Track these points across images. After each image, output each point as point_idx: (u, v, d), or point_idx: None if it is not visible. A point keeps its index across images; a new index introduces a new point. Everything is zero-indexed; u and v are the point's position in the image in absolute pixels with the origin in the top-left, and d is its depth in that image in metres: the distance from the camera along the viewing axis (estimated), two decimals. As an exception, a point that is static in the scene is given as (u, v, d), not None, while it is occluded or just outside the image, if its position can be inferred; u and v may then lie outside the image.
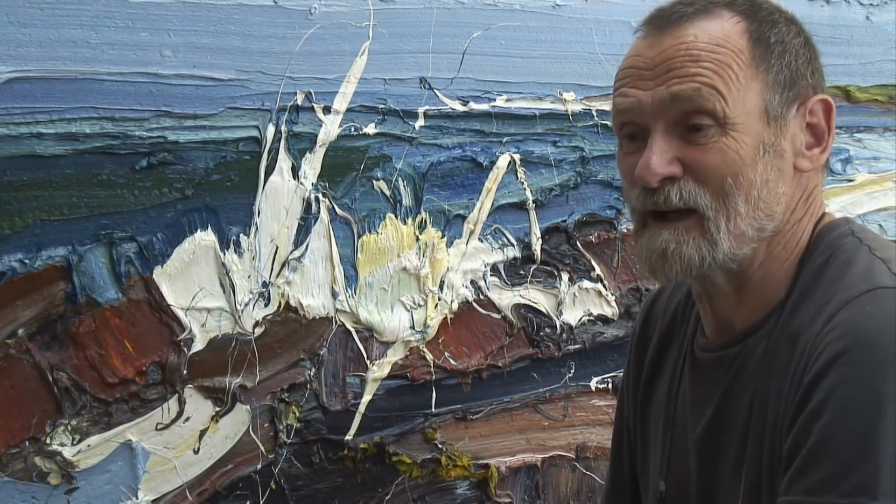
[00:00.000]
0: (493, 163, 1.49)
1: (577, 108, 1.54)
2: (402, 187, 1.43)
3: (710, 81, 0.84)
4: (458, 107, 1.45)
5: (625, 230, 1.60)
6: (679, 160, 0.85)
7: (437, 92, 1.44)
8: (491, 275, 1.51)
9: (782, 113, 0.86)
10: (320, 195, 1.37)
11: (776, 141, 0.86)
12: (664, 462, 0.98)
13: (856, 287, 0.79)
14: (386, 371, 1.45)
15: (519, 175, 1.51)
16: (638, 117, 0.88)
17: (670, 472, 0.97)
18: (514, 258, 1.53)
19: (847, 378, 0.73)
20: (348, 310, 1.41)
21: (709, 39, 0.86)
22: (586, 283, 1.59)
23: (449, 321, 1.48)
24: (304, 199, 1.36)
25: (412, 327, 1.46)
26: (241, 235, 1.33)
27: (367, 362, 1.43)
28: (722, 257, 0.85)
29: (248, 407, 1.36)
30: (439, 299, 1.47)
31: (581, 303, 1.59)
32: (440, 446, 1.49)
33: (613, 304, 1.61)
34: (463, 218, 1.48)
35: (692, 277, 0.88)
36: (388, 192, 1.42)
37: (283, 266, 1.36)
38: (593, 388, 1.61)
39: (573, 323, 1.58)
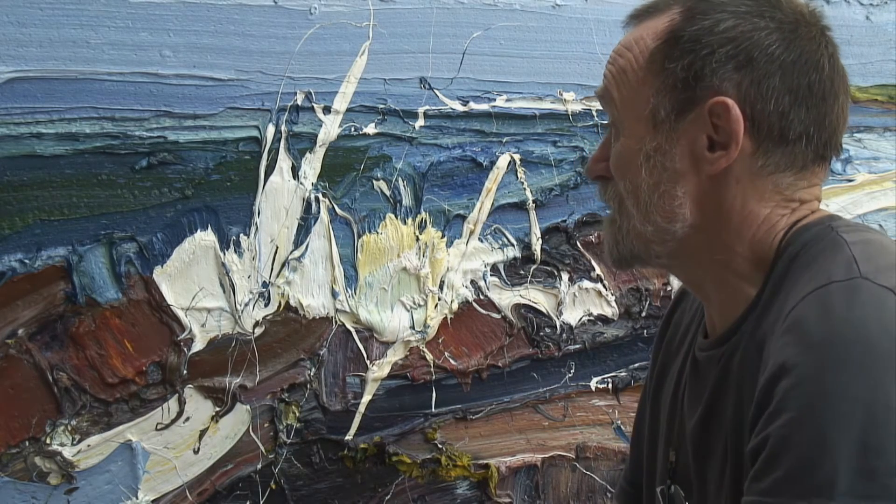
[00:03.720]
0: (493, 163, 1.49)
1: (577, 108, 1.54)
2: (402, 187, 1.43)
3: (608, 86, 0.90)
4: (458, 107, 1.45)
5: (625, 230, 1.60)
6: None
7: (437, 92, 1.44)
8: (491, 275, 1.51)
9: (673, 117, 0.85)
10: (320, 195, 1.37)
11: (661, 145, 0.85)
12: (672, 450, 1.00)
13: (810, 283, 0.78)
14: (386, 371, 1.45)
15: (519, 175, 1.51)
16: None
17: (679, 458, 0.98)
18: (514, 258, 1.53)
19: (800, 379, 0.72)
20: (348, 310, 1.41)
21: (625, 42, 0.89)
22: (586, 283, 1.59)
23: (449, 321, 1.48)
24: (304, 199, 1.36)
25: (412, 327, 1.46)
26: (241, 235, 1.33)
27: (367, 362, 1.43)
28: (629, 255, 0.91)
29: (248, 407, 1.36)
30: (439, 299, 1.47)
31: (581, 303, 1.59)
32: (440, 446, 1.50)
33: (613, 304, 1.61)
34: (463, 218, 1.48)
35: (618, 269, 0.95)
36: (388, 192, 1.42)
37: (283, 266, 1.36)
38: (593, 388, 1.61)
39: (573, 323, 1.58)
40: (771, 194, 0.86)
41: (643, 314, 1.63)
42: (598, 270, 1.59)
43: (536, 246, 1.54)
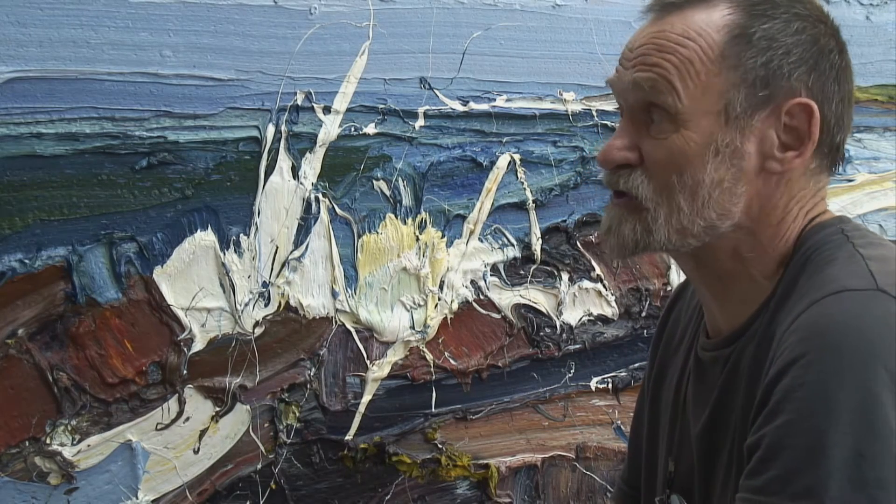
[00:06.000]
0: (493, 163, 1.49)
1: (577, 108, 1.54)
2: (402, 187, 1.43)
3: (667, 74, 0.85)
4: (458, 107, 1.45)
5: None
6: (638, 148, 0.88)
7: (437, 92, 1.44)
8: (491, 275, 1.51)
9: (748, 113, 0.84)
10: (320, 195, 1.37)
11: (732, 141, 0.85)
12: (672, 459, 0.99)
13: (824, 288, 0.78)
14: (386, 371, 1.45)
15: (519, 175, 1.51)
16: (618, 96, 0.91)
17: (679, 467, 0.98)
18: (514, 258, 1.53)
19: (803, 381, 0.73)
20: (348, 310, 1.41)
21: (681, 31, 0.86)
22: (586, 283, 1.59)
23: (449, 321, 1.48)
24: (304, 199, 1.36)
25: (412, 327, 1.46)
26: (241, 235, 1.33)
27: (367, 362, 1.43)
28: (658, 246, 0.88)
29: (248, 407, 1.36)
30: (439, 299, 1.47)
31: (581, 303, 1.59)
32: (440, 446, 1.50)
33: (613, 304, 1.61)
34: (463, 218, 1.48)
35: (628, 256, 0.92)
36: (388, 192, 1.42)
37: (283, 266, 1.36)
38: (593, 388, 1.61)
39: (573, 323, 1.58)
40: (806, 193, 0.88)
41: (643, 314, 1.63)
42: (598, 270, 1.59)
43: (536, 246, 1.54)
